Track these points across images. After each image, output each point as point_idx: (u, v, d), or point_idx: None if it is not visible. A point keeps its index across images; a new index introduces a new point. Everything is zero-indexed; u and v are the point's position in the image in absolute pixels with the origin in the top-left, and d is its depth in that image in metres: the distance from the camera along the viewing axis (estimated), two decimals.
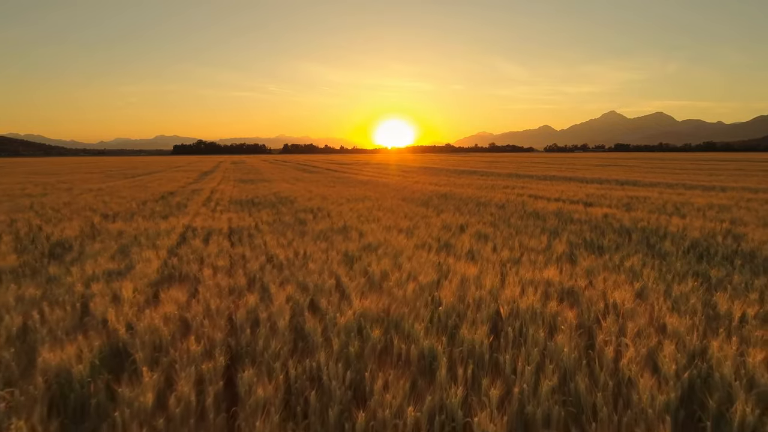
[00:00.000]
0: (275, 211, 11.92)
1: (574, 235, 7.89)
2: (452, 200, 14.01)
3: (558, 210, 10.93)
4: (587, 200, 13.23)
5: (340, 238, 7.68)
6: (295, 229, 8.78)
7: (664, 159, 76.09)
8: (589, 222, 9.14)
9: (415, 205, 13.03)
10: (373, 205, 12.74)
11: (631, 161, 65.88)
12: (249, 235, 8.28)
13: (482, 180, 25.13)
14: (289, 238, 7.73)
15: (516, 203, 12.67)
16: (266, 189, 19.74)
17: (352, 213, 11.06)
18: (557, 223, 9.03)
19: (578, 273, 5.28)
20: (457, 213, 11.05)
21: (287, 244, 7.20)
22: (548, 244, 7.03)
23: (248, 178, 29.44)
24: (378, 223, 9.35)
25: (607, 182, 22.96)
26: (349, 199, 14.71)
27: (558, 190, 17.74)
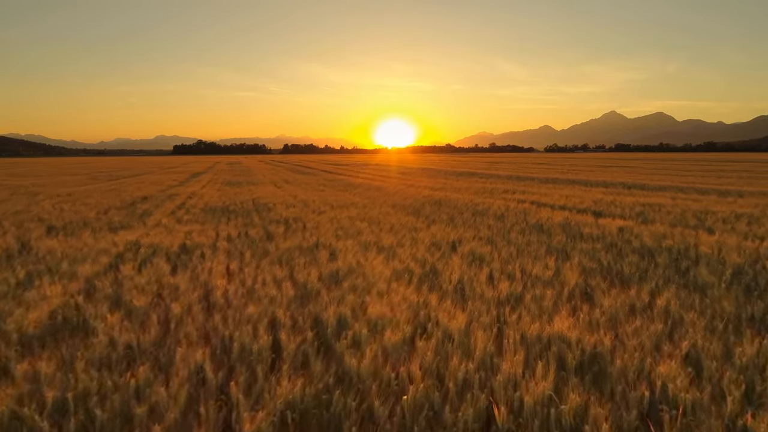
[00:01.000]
0: (246, 221, 10.63)
1: (587, 256, 6.59)
2: (446, 208, 12.72)
3: (565, 221, 9.63)
4: (596, 208, 11.93)
5: (306, 260, 6.38)
6: (257, 247, 7.49)
7: (666, 160, 74.82)
8: (602, 239, 7.84)
9: (405, 213, 11.74)
10: (358, 214, 11.45)
11: (633, 162, 64.58)
12: (201, 255, 6.99)
13: (481, 183, 23.85)
14: (244, 261, 6.44)
15: (517, 212, 11.37)
16: (249, 193, 18.46)
17: (330, 224, 9.77)
18: (565, 240, 7.72)
19: (599, 320, 3.99)
20: (450, 225, 9.75)
21: (238, 271, 5.91)
22: (557, 271, 5.74)
23: (236, 181, 28.16)
24: (357, 238, 8.05)
25: (613, 185, 21.67)
26: (334, 206, 13.42)
27: (562, 195, 16.46)
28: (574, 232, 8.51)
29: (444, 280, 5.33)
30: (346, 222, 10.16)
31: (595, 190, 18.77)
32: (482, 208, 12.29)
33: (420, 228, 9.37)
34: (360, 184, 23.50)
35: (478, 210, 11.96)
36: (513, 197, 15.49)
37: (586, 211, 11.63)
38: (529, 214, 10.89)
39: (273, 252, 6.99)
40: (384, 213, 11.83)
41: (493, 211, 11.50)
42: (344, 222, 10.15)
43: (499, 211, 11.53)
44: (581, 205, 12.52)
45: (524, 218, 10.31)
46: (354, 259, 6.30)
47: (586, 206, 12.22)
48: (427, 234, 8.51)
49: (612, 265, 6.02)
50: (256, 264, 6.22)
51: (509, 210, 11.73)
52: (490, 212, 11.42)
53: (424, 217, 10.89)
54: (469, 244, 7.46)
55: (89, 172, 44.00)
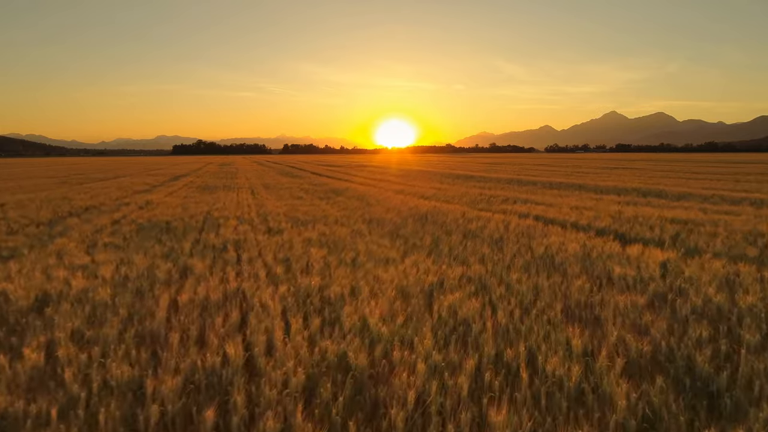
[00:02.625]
0: (175, 246, 8.35)
1: (629, 324, 4.31)
2: (433, 225, 10.43)
3: (583, 251, 7.33)
4: (617, 227, 9.63)
5: (167, 349, 4.10)
6: (140, 302, 5.20)
7: (671, 161, 72.48)
8: (642, 285, 5.53)
9: (380, 234, 9.45)
10: (321, 235, 9.17)
11: (638, 163, 62.25)
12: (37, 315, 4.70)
13: (478, 188, 21.56)
14: (84, 338, 4.16)
15: (518, 233, 9.08)
16: (213, 202, 16.18)
17: (276, 254, 7.49)
18: (589, 287, 5.42)
19: None
20: (433, 254, 7.47)
21: None
22: (587, 369, 3.46)
23: (213, 185, 25.90)
24: (297, 281, 5.77)
25: (626, 192, 19.38)
26: (298, 222, 11.14)
27: (571, 205, 14.17)
28: (599, 271, 6.20)
29: (395, 397, 3.04)
30: (299, 249, 7.88)
31: (607, 199, 16.50)
32: (476, 226, 9.99)
33: (392, 259, 7.08)
34: (345, 190, 21.23)
35: (470, 229, 9.67)
36: (514, 208, 13.20)
37: (606, 231, 9.33)
38: (534, 237, 8.59)
39: (157, 312, 4.69)
40: (354, 233, 9.55)
41: (489, 232, 9.20)
42: (297, 249, 7.87)
43: (497, 232, 9.24)
44: (598, 222, 10.22)
45: (528, 244, 8.02)
46: (264, 335, 4.01)
47: (604, 224, 9.91)
48: (398, 271, 6.22)
49: (674, 352, 3.73)
50: (101, 351, 3.93)
51: (509, 230, 9.44)
52: (485, 233, 9.12)
53: (402, 241, 8.60)
54: (452, 294, 5.17)
55: (66, 174, 41.74)
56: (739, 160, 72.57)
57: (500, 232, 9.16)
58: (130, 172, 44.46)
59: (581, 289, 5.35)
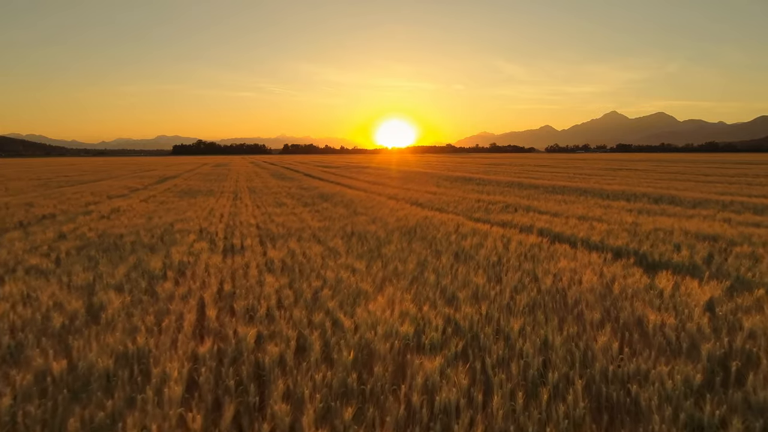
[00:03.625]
0: (94, 275, 6.94)
1: None
2: (421, 242, 9.02)
3: (602, 283, 5.91)
4: (636, 245, 8.18)
5: None
6: None
7: (675, 161, 71.02)
8: (690, 344, 4.10)
9: (357, 254, 8.03)
10: (287, 255, 7.77)
11: (641, 164, 60.80)
12: None
13: (477, 193, 20.15)
14: None
15: (521, 255, 7.67)
16: (183, 211, 14.77)
17: (226, 282, 6.09)
18: (618, 347, 4.01)
19: None
20: (415, 285, 6.06)
21: None
22: None
23: (196, 189, 24.50)
24: (222, 335, 4.37)
25: (635, 197, 17.97)
26: (267, 237, 9.75)
27: (578, 214, 12.77)
28: (627, 316, 4.78)
29: None
30: (254, 277, 6.47)
31: (616, 206, 15.09)
32: (471, 243, 8.57)
33: (364, 293, 5.68)
34: (333, 195, 19.83)
35: (464, 248, 8.25)
36: (515, 219, 11.79)
37: (625, 252, 7.91)
38: (539, 261, 7.18)
39: None
40: (329, 253, 8.14)
41: (485, 252, 7.78)
42: (251, 277, 6.46)
43: (495, 252, 7.82)
44: (613, 239, 8.79)
45: (532, 271, 6.60)
46: None
47: (621, 242, 8.47)
48: (367, 314, 4.83)
49: None
50: None
51: (509, 249, 8.02)
52: (481, 254, 7.70)
53: (382, 265, 7.19)
54: (431, 359, 3.76)
55: (52, 177, 40.34)
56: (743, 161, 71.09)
57: (498, 253, 7.74)
58: (118, 174, 43.06)
59: (607, 349, 3.93)
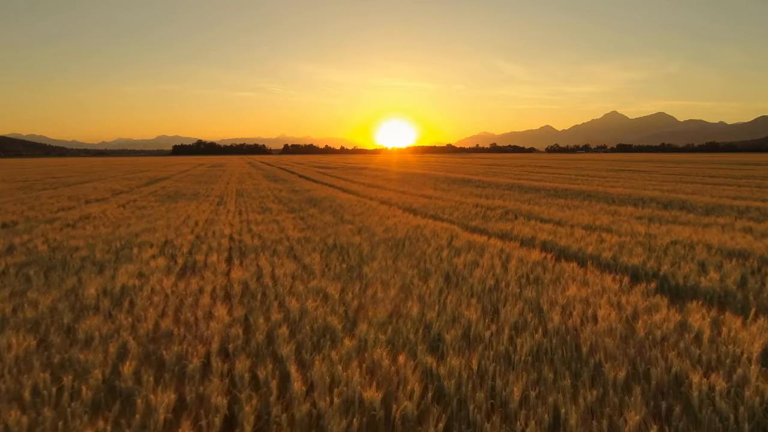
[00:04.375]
0: (12, 306, 5.89)
1: None
2: (408, 259, 7.95)
3: (621, 318, 4.84)
4: (655, 264, 7.11)
5: None
6: None
7: (678, 162, 69.96)
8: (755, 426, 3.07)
9: (334, 275, 6.97)
10: (252, 276, 6.71)
11: (643, 164, 59.75)
12: None
13: (475, 197, 19.09)
14: None
15: (521, 277, 6.60)
16: (157, 218, 13.72)
17: (164, 317, 5.02)
18: (650, 412, 2.96)
19: None
20: (394, 321, 5.00)
21: None
22: None
23: (183, 192, 23.45)
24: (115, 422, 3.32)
25: (643, 202, 16.91)
26: (237, 251, 8.69)
27: (584, 223, 11.71)
28: (660, 375, 3.71)
29: None
30: (204, 307, 5.42)
31: (624, 213, 14.03)
32: (465, 261, 7.50)
33: (329, 331, 4.63)
34: (324, 199, 18.78)
35: (456, 267, 7.18)
36: (515, 229, 10.73)
37: (644, 274, 6.83)
38: (543, 286, 6.11)
39: None
40: (302, 271, 7.08)
41: (480, 274, 6.70)
42: (201, 307, 5.41)
43: (492, 273, 6.75)
44: (627, 256, 7.71)
45: (536, 301, 5.54)
46: None
47: (637, 260, 7.39)
48: (325, 363, 3.77)
49: None
50: None
51: (508, 270, 6.95)
52: (475, 276, 6.62)
53: (361, 288, 6.13)
54: None
55: (39, 178, 39.31)
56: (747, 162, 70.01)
57: (496, 274, 6.68)
58: (109, 175, 42.00)
59: None
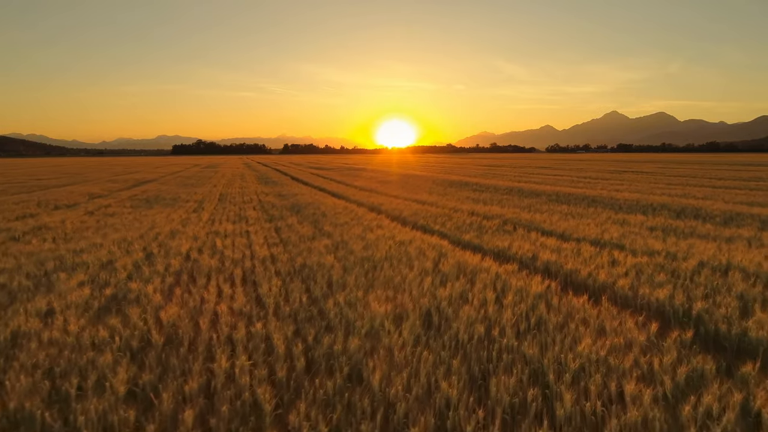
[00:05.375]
0: None
1: None
2: (383, 288, 6.63)
3: (665, 412, 3.52)
4: (687, 300, 5.78)
5: None
6: None
7: (681, 163, 68.61)
8: None
9: (284, 316, 5.66)
10: (179, 320, 5.40)
11: (646, 165, 58.42)
12: None
13: (471, 202, 17.77)
14: None
15: (520, 319, 5.27)
16: (119, 228, 12.41)
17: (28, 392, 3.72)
18: None
19: None
20: (346, 391, 3.69)
21: None
22: None
23: (165, 196, 22.15)
24: None
25: (653, 210, 15.58)
26: (184, 276, 7.37)
27: (592, 236, 10.39)
28: None
29: None
30: (104, 367, 4.11)
31: (634, 222, 12.71)
32: (452, 294, 6.16)
33: (256, 412, 3.32)
34: (309, 205, 17.49)
35: (439, 303, 5.83)
36: (514, 246, 9.40)
37: (674, 315, 5.50)
38: (548, 334, 4.78)
39: None
40: (247, 309, 5.76)
41: (468, 315, 5.36)
42: (89, 379, 4.11)
43: (483, 313, 5.42)
44: (649, 286, 6.36)
45: (539, 359, 4.21)
46: None
47: (662, 293, 6.05)
48: None
49: None
50: None
51: (504, 306, 5.62)
52: (461, 318, 5.29)
53: (314, 338, 4.82)
54: None
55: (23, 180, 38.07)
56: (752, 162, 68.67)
57: (488, 316, 5.34)
58: (95, 177, 40.69)
59: None
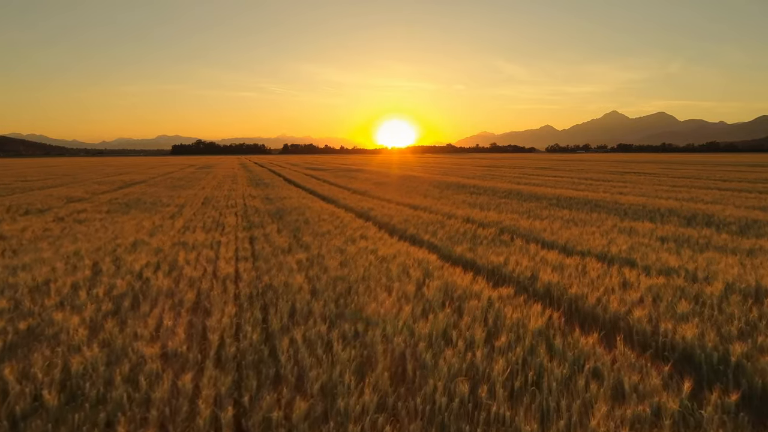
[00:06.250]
0: None
1: None
2: (351, 322, 5.54)
3: None
4: (718, 340, 4.68)
5: None
6: None
7: (684, 163, 67.55)
8: None
9: (223, 362, 4.59)
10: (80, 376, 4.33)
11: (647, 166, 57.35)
12: None
13: (468, 207, 16.69)
14: None
15: (516, 367, 4.20)
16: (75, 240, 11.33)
17: None
18: None
19: None
20: None
21: None
22: None
23: (145, 200, 21.07)
24: None
25: (661, 216, 14.50)
26: (115, 309, 6.29)
27: (598, 248, 9.31)
28: None
29: None
30: None
31: (642, 230, 11.64)
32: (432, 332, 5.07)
33: None
34: (295, 210, 16.43)
35: (416, 344, 4.76)
36: (511, 261, 8.32)
37: (707, 362, 4.42)
38: (551, 395, 3.71)
39: None
40: (181, 353, 4.69)
41: (449, 362, 4.26)
42: None
43: (471, 360, 4.34)
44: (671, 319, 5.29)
45: None
46: None
47: (689, 331, 4.94)
48: None
49: None
50: None
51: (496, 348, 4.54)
52: (441, 368, 4.19)
53: (252, 400, 3.75)
54: None
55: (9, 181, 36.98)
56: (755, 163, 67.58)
57: (475, 364, 4.25)
58: (83, 179, 39.59)
59: None
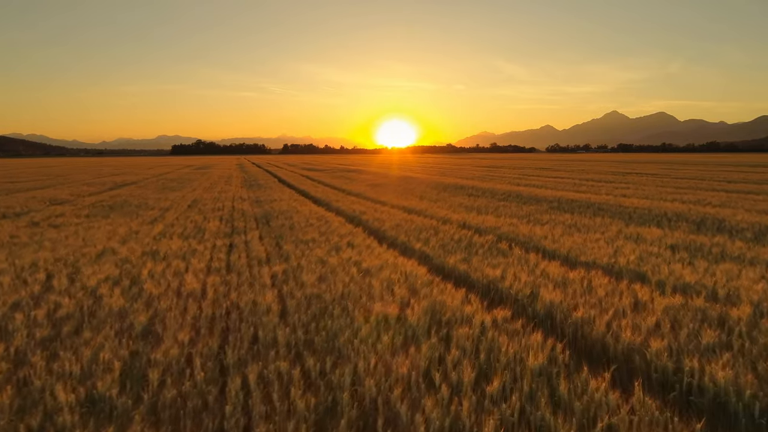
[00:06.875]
0: None
1: None
2: (316, 356, 4.72)
3: None
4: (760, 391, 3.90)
5: None
6: None
7: (686, 164, 66.71)
8: None
9: (154, 414, 3.78)
10: None
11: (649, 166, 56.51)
12: None
13: (464, 211, 15.88)
14: None
15: (515, 414, 3.39)
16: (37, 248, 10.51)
17: None
18: None
19: None
20: None
21: None
22: None
23: (131, 202, 20.26)
24: None
25: (668, 222, 13.68)
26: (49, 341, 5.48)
27: (604, 259, 8.48)
28: None
29: None
30: None
31: (650, 237, 10.82)
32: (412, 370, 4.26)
33: None
34: (282, 214, 15.63)
35: (390, 391, 3.93)
36: (508, 276, 7.50)
37: (744, 412, 3.61)
38: None
39: None
40: (110, 397, 3.89)
41: (431, 416, 3.46)
42: None
43: (456, 415, 3.54)
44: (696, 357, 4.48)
45: None
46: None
47: (721, 373, 4.10)
48: None
49: None
50: None
51: (487, 394, 3.73)
52: (418, 425, 3.40)
53: None
54: None
55: None
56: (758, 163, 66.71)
57: (461, 418, 3.44)
58: (73, 180, 38.80)
59: None
